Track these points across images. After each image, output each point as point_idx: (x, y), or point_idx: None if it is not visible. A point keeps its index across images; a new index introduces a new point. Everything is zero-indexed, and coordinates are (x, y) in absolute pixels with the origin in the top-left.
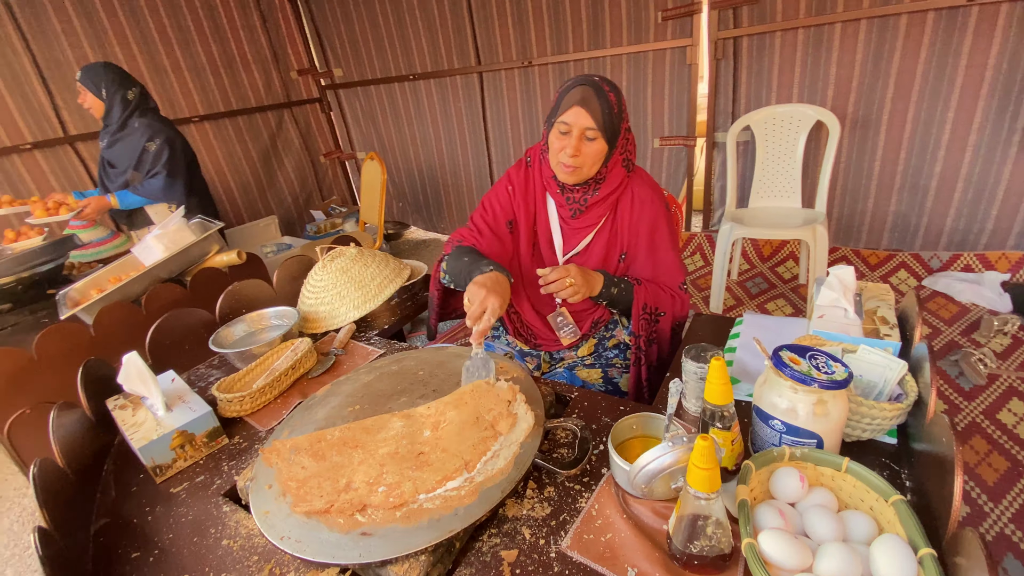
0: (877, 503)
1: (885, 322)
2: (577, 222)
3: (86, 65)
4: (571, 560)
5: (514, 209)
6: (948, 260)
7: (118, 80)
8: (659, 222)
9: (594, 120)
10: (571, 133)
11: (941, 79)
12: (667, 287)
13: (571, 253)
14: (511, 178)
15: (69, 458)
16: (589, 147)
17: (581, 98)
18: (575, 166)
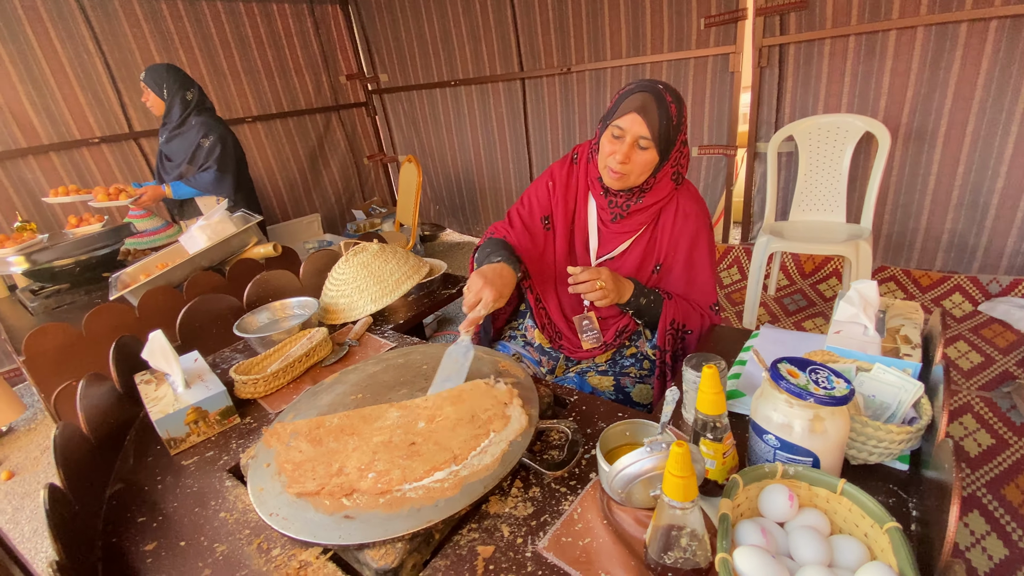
0: (872, 529)
1: (907, 341)
2: (616, 227)
3: (150, 66)
4: (545, 561)
5: (552, 205)
6: (1009, 285)
7: (179, 81)
8: (700, 239)
9: (649, 130)
10: (624, 139)
11: (1004, 90)
12: (698, 306)
13: (605, 257)
14: (553, 174)
15: (93, 425)
16: (640, 155)
17: (640, 105)
18: (623, 173)
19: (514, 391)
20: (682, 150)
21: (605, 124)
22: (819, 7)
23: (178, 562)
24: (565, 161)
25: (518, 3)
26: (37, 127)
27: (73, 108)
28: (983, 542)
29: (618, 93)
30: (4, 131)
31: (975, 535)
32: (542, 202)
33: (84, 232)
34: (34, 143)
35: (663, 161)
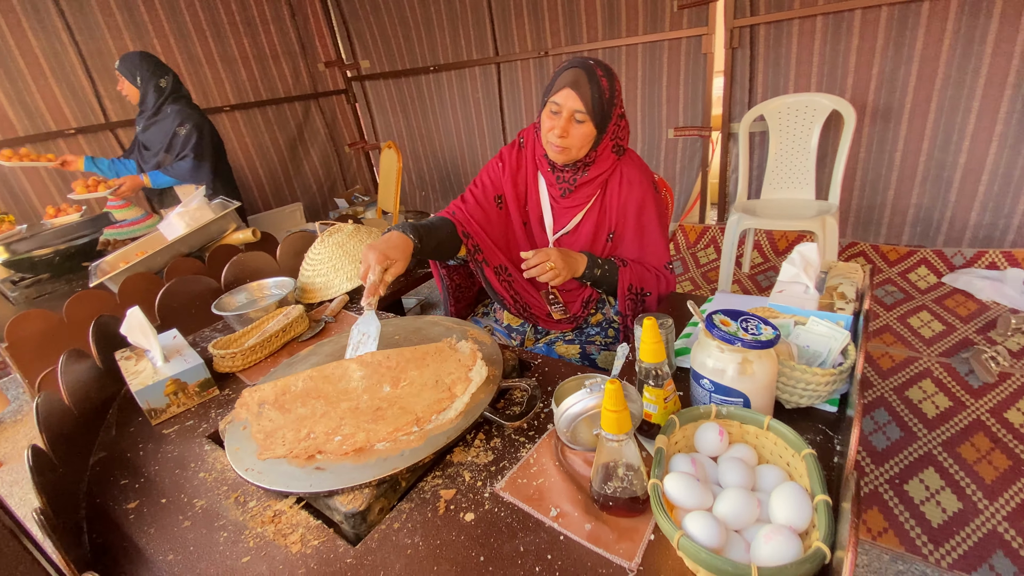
0: (793, 458)
1: (843, 297)
2: (567, 201)
3: (124, 54)
4: (502, 500)
5: (503, 185)
6: (972, 257)
7: (152, 68)
8: (647, 203)
9: (583, 103)
10: (561, 114)
11: (966, 67)
12: (652, 267)
13: (561, 232)
14: (503, 156)
15: (76, 398)
16: (577, 129)
17: (573, 80)
18: (563, 146)
19: (477, 352)
20: (619, 123)
21: (544, 101)
22: None
23: (159, 517)
24: (513, 145)
25: None
26: (12, 119)
27: (48, 99)
28: (938, 496)
29: (555, 73)
30: None
31: (930, 490)
32: (495, 182)
33: (62, 222)
34: (9, 135)
35: (601, 134)
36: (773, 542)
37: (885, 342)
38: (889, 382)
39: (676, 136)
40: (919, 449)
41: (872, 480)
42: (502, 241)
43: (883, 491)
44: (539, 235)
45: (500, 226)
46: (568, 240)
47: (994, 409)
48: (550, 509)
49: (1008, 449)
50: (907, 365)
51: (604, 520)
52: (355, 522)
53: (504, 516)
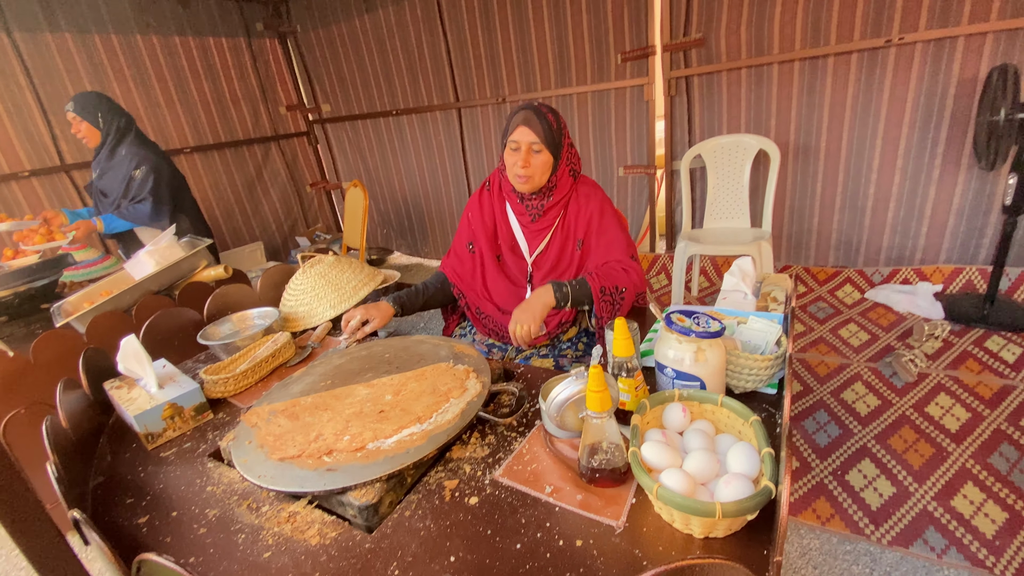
0: (743, 426)
1: (775, 300)
2: (536, 225)
3: (80, 95)
4: (501, 484)
5: (472, 232)
6: (888, 274)
7: (113, 108)
8: (604, 208)
9: (537, 136)
10: (520, 149)
11: (868, 111)
12: (617, 262)
13: (536, 252)
14: (470, 207)
15: (72, 424)
16: (537, 158)
17: (525, 119)
18: (527, 175)
19: (469, 369)
20: (571, 152)
21: (503, 143)
22: (715, 44)
23: (173, 527)
24: (481, 190)
25: (452, 39)
26: None
27: (2, 141)
28: (874, 483)
29: (508, 119)
30: None
31: (867, 478)
32: (464, 232)
33: (20, 264)
34: None
35: (557, 160)
36: (732, 485)
37: (820, 352)
38: (826, 387)
39: (626, 174)
40: (856, 443)
41: (818, 474)
42: (478, 282)
43: (827, 482)
44: (514, 261)
45: (476, 269)
46: (542, 258)
47: (916, 405)
48: (545, 487)
49: (931, 439)
50: (840, 371)
51: (592, 491)
52: (368, 514)
53: (505, 497)
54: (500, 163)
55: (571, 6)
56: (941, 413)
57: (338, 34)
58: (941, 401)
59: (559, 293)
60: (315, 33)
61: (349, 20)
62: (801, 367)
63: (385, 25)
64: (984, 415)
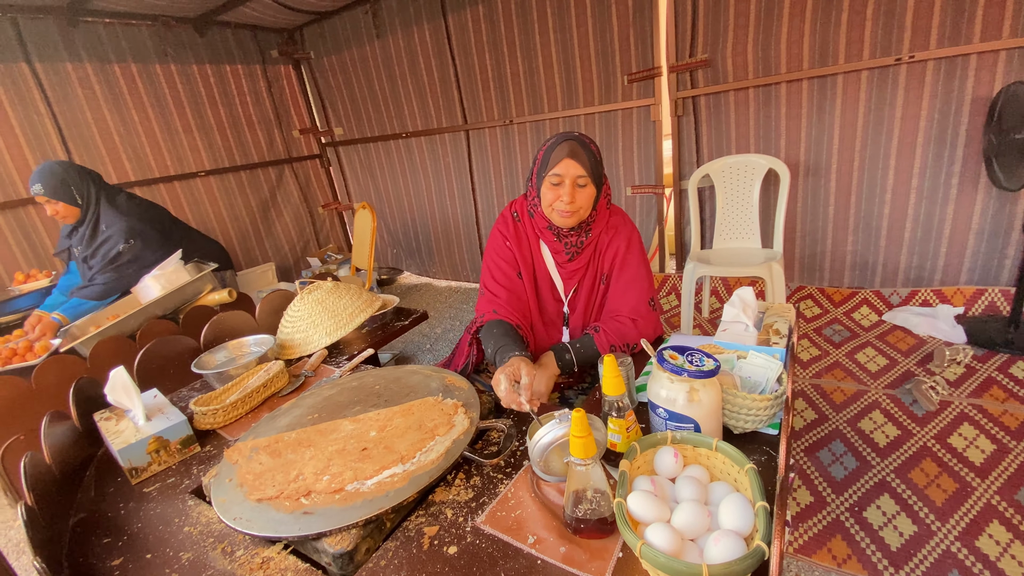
0: (739, 474)
1: (777, 333)
2: (573, 264)
3: (43, 171)
4: (483, 532)
5: (517, 259)
6: (907, 296)
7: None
8: (632, 242)
9: (584, 168)
10: (563, 184)
11: (880, 130)
12: (628, 316)
13: (571, 292)
14: (504, 233)
15: (56, 459)
16: (582, 192)
17: (571, 151)
18: (572, 211)
19: (458, 404)
20: (606, 180)
21: (541, 177)
22: (721, 65)
23: (145, 571)
24: (508, 221)
25: (460, 62)
26: None
27: (21, 169)
28: (894, 521)
29: (542, 150)
30: None
31: (886, 515)
32: (510, 261)
33: (31, 288)
34: None
35: (598, 193)
36: (721, 544)
37: (836, 377)
38: (843, 415)
39: (633, 193)
40: (874, 477)
41: (834, 510)
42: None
43: (844, 519)
44: (550, 303)
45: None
46: (575, 298)
47: (938, 435)
48: (527, 537)
49: (954, 472)
50: (858, 398)
51: (577, 543)
52: (343, 563)
53: (485, 547)
54: (529, 194)
55: (577, 29)
56: (964, 445)
57: (350, 59)
58: (964, 431)
59: (561, 362)
60: (328, 59)
61: (360, 46)
62: (816, 393)
63: (395, 50)
64: (1010, 447)
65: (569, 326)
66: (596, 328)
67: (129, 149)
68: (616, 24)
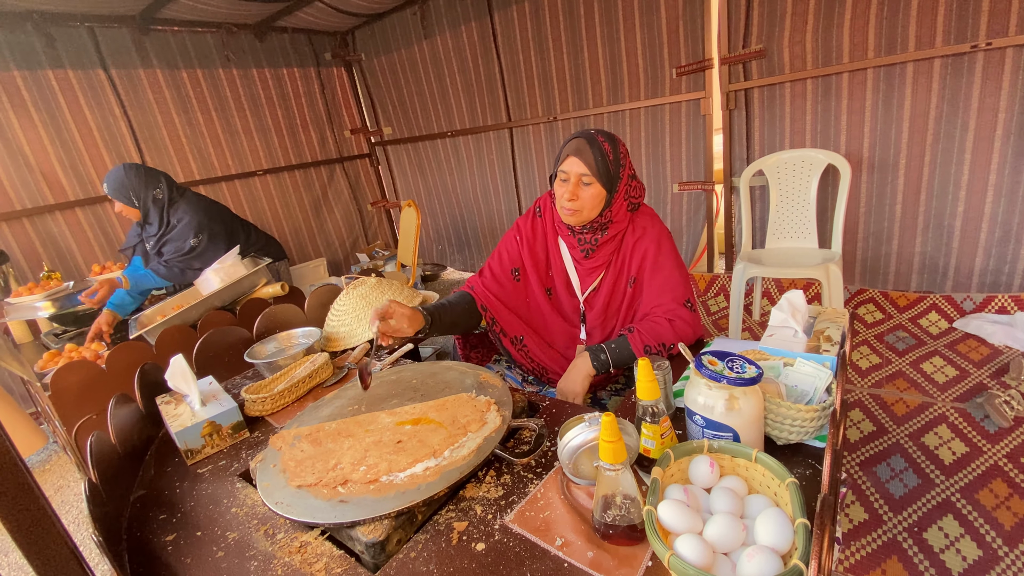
0: (779, 488)
1: (829, 340)
2: (590, 262)
3: (110, 174)
4: (511, 531)
5: (522, 258)
6: (982, 302)
7: (144, 180)
8: (662, 243)
9: (588, 167)
10: (569, 180)
11: (954, 123)
12: (664, 316)
13: (588, 290)
14: (520, 228)
15: (120, 438)
16: (586, 191)
17: (576, 149)
18: (575, 208)
19: (491, 401)
20: (631, 183)
21: (554, 173)
22: (777, 55)
23: (195, 548)
24: (529, 215)
25: (505, 60)
26: (64, 185)
27: (98, 166)
28: (957, 544)
29: (561, 145)
30: (34, 189)
31: (949, 538)
32: (512, 255)
33: (107, 278)
34: (61, 200)
35: (612, 194)
36: (755, 560)
37: (899, 388)
38: (904, 428)
39: (680, 190)
40: (937, 496)
41: (891, 529)
42: (523, 311)
43: (902, 539)
44: (567, 297)
45: (519, 297)
46: (593, 296)
47: (1011, 454)
48: (555, 539)
49: None
50: (922, 411)
51: (605, 548)
52: (375, 552)
53: (512, 546)
54: (551, 190)
55: (624, 23)
56: None
57: (399, 60)
58: None
59: (597, 362)
60: (378, 60)
61: (409, 47)
62: (874, 404)
63: (442, 49)
64: None
65: (586, 323)
66: (631, 328)
67: (195, 150)
68: (665, 16)
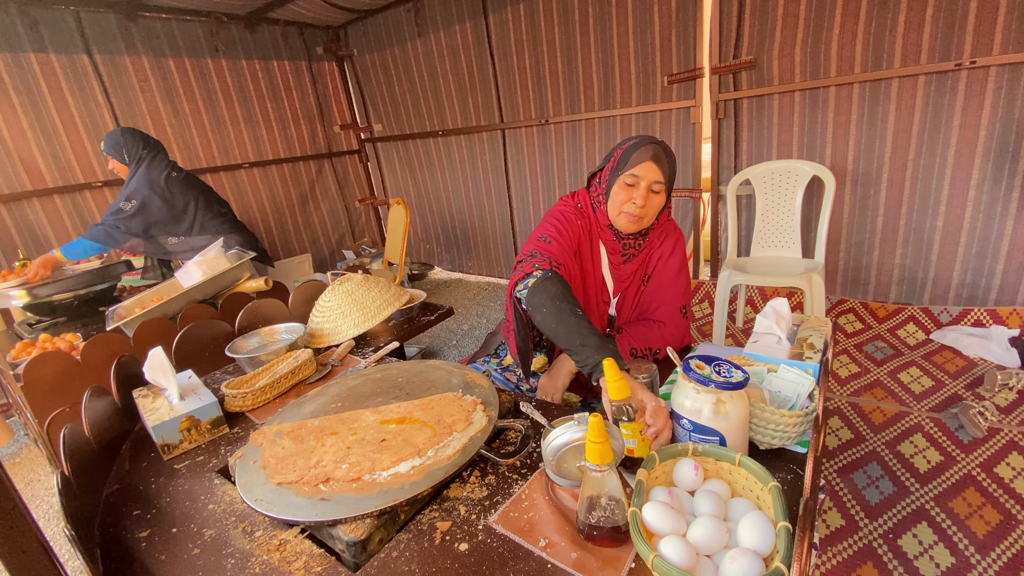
0: (762, 492)
1: (812, 347)
2: (627, 267)
3: (109, 133)
4: (495, 532)
5: (579, 242)
6: (958, 315)
7: (136, 141)
8: (679, 244)
9: (663, 175)
10: (638, 186)
11: (936, 139)
12: (656, 320)
13: (619, 295)
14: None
15: (95, 431)
16: (653, 199)
17: (654, 155)
18: (640, 216)
19: (477, 400)
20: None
21: (615, 175)
22: (767, 66)
23: (170, 545)
24: (574, 207)
25: (498, 61)
26: (43, 171)
27: (79, 154)
28: (931, 551)
29: (621, 148)
30: (11, 174)
31: (923, 545)
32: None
33: (83, 268)
34: (39, 186)
35: (667, 203)
36: (738, 562)
37: (876, 396)
38: (881, 436)
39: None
40: (912, 504)
41: (867, 535)
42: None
43: (877, 546)
44: (595, 302)
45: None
46: (621, 301)
47: (984, 464)
48: (539, 540)
49: (999, 504)
50: (898, 420)
51: (589, 550)
52: (356, 551)
53: (496, 547)
54: (595, 190)
55: (618, 28)
56: (1012, 475)
57: (391, 57)
58: (1013, 461)
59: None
60: (370, 56)
61: (402, 44)
62: (852, 412)
63: (436, 48)
64: None
65: (613, 328)
66: (619, 330)
67: (180, 140)
68: (658, 24)
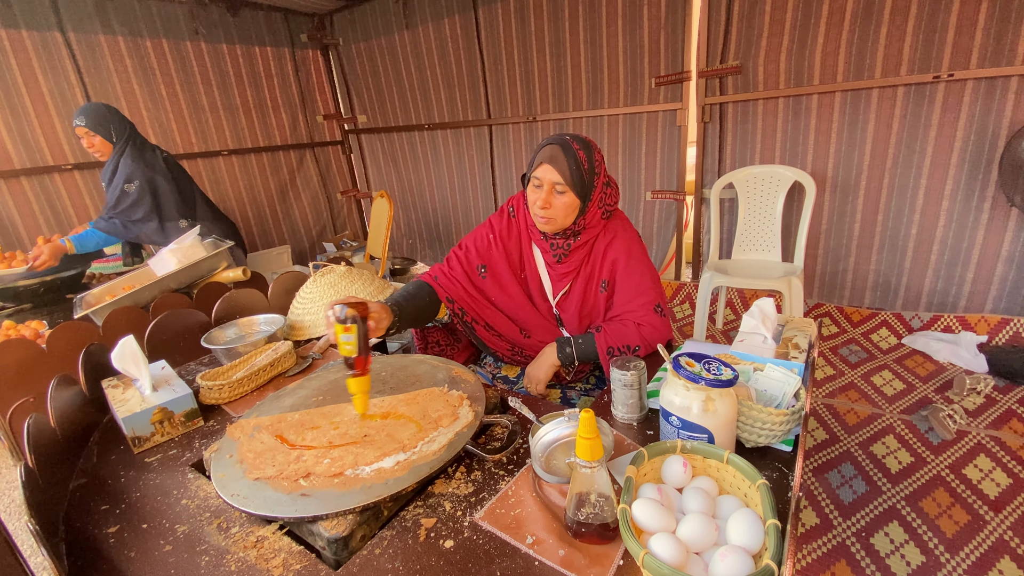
0: (750, 489)
1: (797, 347)
2: (562, 267)
3: (89, 107)
4: (481, 528)
5: (492, 256)
6: (929, 321)
7: (121, 119)
8: (632, 247)
9: (561, 176)
10: (542, 187)
11: (913, 149)
12: (633, 320)
13: (560, 294)
14: (493, 226)
15: (61, 422)
16: (559, 200)
17: (550, 156)
18: (548, 217)
19: (463, 395)
20: (605, 191)
21: (527, 177)
22: (752, 72)
23: (140, 541)
24: (503, 214)
25: (487, 56)
26: (10, 151)
27: (49, 135)
28: (902, 550)
29: (536, 149)
30: None
31: (894, 543)
32: (481, 251)
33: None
34: (5, 167)
35: (586, 202)
36: (728, 560)
37: (850, 398)
38: (854, 437)
39: (653, 198)
40: (884, 503)
41: (840, 533)
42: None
43: (851, 544)
44: (540, 301)
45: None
46: (565, 300)
47: (953, 465)
48: (526, 537)
49: (967, 504)
50: (871, 421)
51: (577, 547)
52: (337, 548)
53: (482, 543)
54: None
55: (607, 29)
56: (980, 477)
57: (378, 48)
58: (980, 463)
59: (562, 354)
60: (356, 46)
61: (389, 35)
62: (828, 413)
63: (424, 41)
64: None
65: (564, 326)
66: (598, 328)
67: (156, 124)
68: (647, 26)
